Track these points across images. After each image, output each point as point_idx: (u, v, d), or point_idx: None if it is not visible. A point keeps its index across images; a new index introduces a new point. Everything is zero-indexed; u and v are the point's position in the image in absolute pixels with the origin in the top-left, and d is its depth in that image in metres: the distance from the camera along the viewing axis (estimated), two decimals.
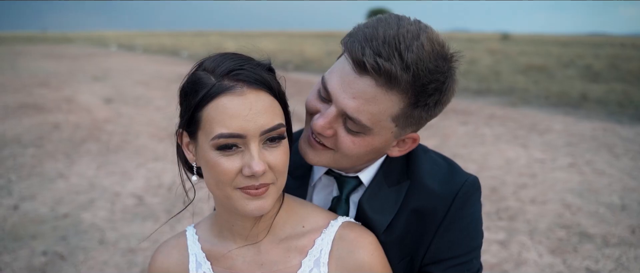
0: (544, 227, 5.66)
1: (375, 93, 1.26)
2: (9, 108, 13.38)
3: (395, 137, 1.38)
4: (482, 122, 11.63)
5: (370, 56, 1.23)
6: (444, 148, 9.15)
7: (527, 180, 7.30)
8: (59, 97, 15.32)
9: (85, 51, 44.13)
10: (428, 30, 1.29)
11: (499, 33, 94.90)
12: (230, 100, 1.18)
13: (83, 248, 5.25)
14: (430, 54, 1.25)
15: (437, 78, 1.27)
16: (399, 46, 1.23)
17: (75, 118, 12.12)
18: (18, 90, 16.80)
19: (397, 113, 1.30)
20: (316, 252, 1.38)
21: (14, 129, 10.82)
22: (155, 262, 1.49)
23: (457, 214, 1.41)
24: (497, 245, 5.22)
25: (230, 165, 1.21)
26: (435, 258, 1.43)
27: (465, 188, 1.42)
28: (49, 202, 6.51)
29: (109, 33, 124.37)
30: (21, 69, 25.29)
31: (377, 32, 1.26)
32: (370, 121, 1.30)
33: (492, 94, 16.20)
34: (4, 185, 7.17)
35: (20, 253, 5.11)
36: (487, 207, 6.25)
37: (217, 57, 1.27)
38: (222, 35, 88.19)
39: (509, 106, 13.85)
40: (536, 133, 10.40)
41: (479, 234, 1.47)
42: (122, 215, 6.10)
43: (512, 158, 8.51)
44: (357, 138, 1.34)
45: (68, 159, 8.54)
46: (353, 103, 1.28)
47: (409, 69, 1.23)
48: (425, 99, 1.29)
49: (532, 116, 12.30)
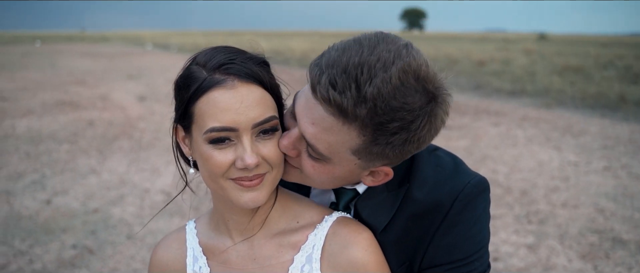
0: (575, 232, 5.50)
1: (332, 123, 1.15)
2: (47, 105, 13.76)
3: (362, 169, 1.26)
4: (514, 123, 11.41)
5: (324, 86, 1.12)
6: (474, 149, 9.00)
7: (559, 183, 7.12)
8: (94, 95, 15.68)
9: (121, 50, 45.07)
10: (407, 59, 1.12)
11: (536, 33, 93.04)
12: (221, 94, 1.19)
13: (111, 242, 5.35)
14: (397, 89, 1.10)
15: (402, 117, 1.11)
16: (359, 77, 1.09)
17: (109, 115, 12.38)
18: (56, 88, 17.26)
19: (356, 147, 1.18)
20: (309, 247, 1.37)
21: (50, 125, 11.12)
22: (156, 255, 1.54)
23: (457, 217, 1.35)
24: (525, 249, 5.11)
25: (224, 158, 1.22)
26: (433, 263, 1.38)
27: (467, 189, 1.36)
28: (81, 197, 6.66)
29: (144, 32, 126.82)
30: (60, 67, 25.99)
31: (341, 58, 1.13)
32: (327, 150, 1.20)
33: (526, 95, 15.87)
34: (38, 179, 7.37)
35: (51, 246, 5.23)
36: (517, 210, 6.12)
37: (210, 52, 1.27)
38: (255, 34, 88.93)
39: (543, 108, 13.55)
40: (570, 135, 10.14)
41: (484, 237, 1.40)
42: (151, 210, 6.19)
43: (545, 160, 8.31)
44: (317, 164, 1.26)
45: (100, 155, 8.73)
46: (312, 129, 1.19)
47: (365, 104, 1.10)
48: (386, 138, 1.15)
49: (567, 118, 12.00)
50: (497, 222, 5.77)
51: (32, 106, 13.44)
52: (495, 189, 6.86)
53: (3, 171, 7.77)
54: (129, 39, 74.90)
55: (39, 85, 17.92)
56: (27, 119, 11.73)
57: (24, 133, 10.33)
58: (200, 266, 1.44)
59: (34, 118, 11.88)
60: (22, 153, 8.78)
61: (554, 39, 75.41)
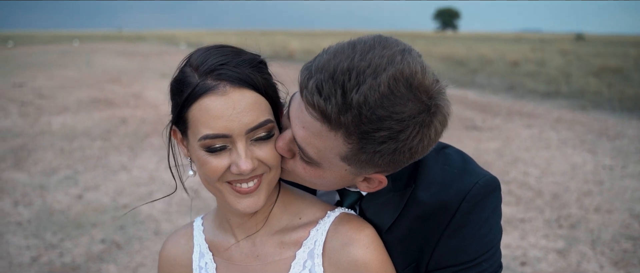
0: (608, 237, 5.34)
1: (320, 129, 1.12)
2: (82, 102, 14.09)
3: (353, 175, 1.23)
4: (548, 125, 11.15)
5: (310, 91, 1.09)
6: (505, 151, 8.84)
7: (592, 187, 6.92)
8: (128, 93, 15.98)
9: (156, 49, 45.83)
10: (400, 66, 1.07)
11: (573, 33, 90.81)
12: (213, 101, 1.18)
13: (139, 238, 5.43)
14: (385, 98, 1.05)
15: (389, 126, 1.07)
16: (345, 83, 1.05)
17: (141, 113, 12.60)
18: (91, 86, 17.66)
19: (345, 154, 1.15)
20: (310, 243, 1.36)
21: (85, 122, 11.38)
22: (165, 250, 1.56)
23: (464, 219, 1.30)
24: (555, 254, 4.98)
25: (219, 163, 1.23)
26: (440, 265, 1.34)
27: (475, 190, 1.30)
28: (111, 193, 6.79)
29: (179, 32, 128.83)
30: (96, 65, 26.59)
31: (330, 62, 1.09)
32: (317, 155, 1.18)
33: (561, 96, 15.50)
34: (71, 175, 7.54)
35: (81, 240, 5.35)
36: (547, 214, 5.98)
37: (203, 53, 1.26)
38: (287, 34, 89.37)
39: (578, 110, 13.21)
40: (606, 138, 9.85)
41: (493, 237, 1.35)
42: (178, 207, 6.27)
43: (578, 163, 8.10)
44: (308, 167, 1.24)
45: (132, 152, 8.89)
46: (302, 132, 1.17)
47: (350, 111, 1.06)
48: (373, 147, 1.11)
49: (602, 121, 11.66)
50: (526, 226, 5.64)
51: (68, 104, 13.78)
52: (525, 192, 6.72)
53: (38, 166, 7.98)
54: (164, 38, 76.13)
55: (75, 83, 18.36)
56: (63, 116, 12.03)
57: (59, 130, 10.60)
58: (206, 262, 1.46)
59: (69, 115, 12.18)
60: (56, 149, 9.01)
61: (592, 39, 73.52)
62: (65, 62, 28.98)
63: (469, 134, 10.18)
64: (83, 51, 40.81)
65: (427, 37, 76.53)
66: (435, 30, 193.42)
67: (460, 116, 11.98)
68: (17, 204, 6.37)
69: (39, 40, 67.06)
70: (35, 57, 32.93)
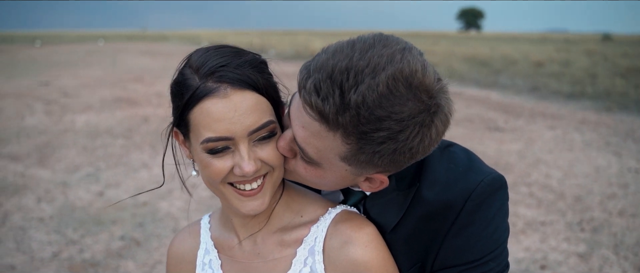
0: (632, 242, 5.22)
1: (319, 129, 1.11)
2: (105, 101, 14.30)
3: (354, 175, 1.22)
4: (572, 127, 10.95)
5: (308, 91, 1.08)
6: (527, 152, 8.70)
7: (616, 190, 6.78)
8: (150, 92, 16.17)
9: (179, 49, 46.27)
10: (400, 65, 1.05)
11: (600, 34, 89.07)
12: (214, 103, 1.18)
13: (157, 235, 5.48)
14: (384, 97, 1.03)
15: (388, 126, 1.05)
16: (343, 83, 1.04)
17: (163, 112, 12.71)
18: (115, 84, 17.91)
19: (344, 154, 1.14)
20: (311, 240, 1.35)
21: (107, 121, 11.54)
22: (172, 247, 1.59)
23: (470, 218, 1.28)
24: (576, 258, 4.88)
25: (222, 165, 1.23)
26: (445, 264, 1.31)
27: (480, 188, 1.27)
28: (131, 190, 6.87)
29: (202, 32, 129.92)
30: (120, 65, 26.97)
31: (329, 61, 1.08)
32: (317, 155, 1.17)
33: (585, 98, 15.21)
34: (93, 172, 7.65)
35: (101, 236, 5.42)
36: (569, 217, 5.87)
37: (203, 54, 1.25)
38: (309, 34, 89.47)
39: (603, 111, 12.95)
40: (632, 141, 9.64)
41: (500, 236, 1.32)
42: (197, 205, 6.31)
43: (602, 166, 7.94)
44: (309, 167, 1.23)
45: (153, 150, 8.98)
46: (302, 132, 1.16)
47: (348, 111, 1.05)
48: (372, 147, 1.10)
49: (629, 122, 11.42)
50: (547, 229, 5.55)
51: (91, 102, 14.00)
52: (546, 194, 6.61)
53: (62, 163, 8.12)
54: (187, 38, 76.83)
55: (99, 82, 18.65)
56: (86, 115, 12.22)
57: (83, 128, 10.77)
58: (211, 259, 1.47)
59: (92, 114, 12.37)
60: (79, 147, 9.15)
61: (619, 39, 71.99)
62: (90, 61, 29.47)
63: (491, 135, 10.05)
64: (108, 50, 41.43)
65: (450, 37, 75.89)
66: (459, 31, 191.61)
67: (483, 117, 11.85)
68: (40, 200, 6.48)
69: (65, 39, 68.35)
70: (61, 56, 33.56)
